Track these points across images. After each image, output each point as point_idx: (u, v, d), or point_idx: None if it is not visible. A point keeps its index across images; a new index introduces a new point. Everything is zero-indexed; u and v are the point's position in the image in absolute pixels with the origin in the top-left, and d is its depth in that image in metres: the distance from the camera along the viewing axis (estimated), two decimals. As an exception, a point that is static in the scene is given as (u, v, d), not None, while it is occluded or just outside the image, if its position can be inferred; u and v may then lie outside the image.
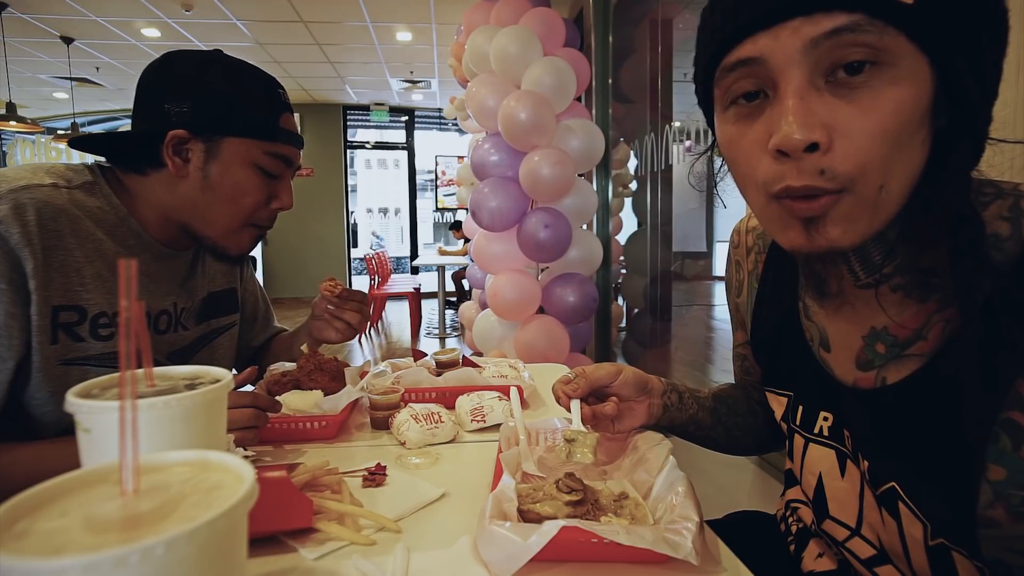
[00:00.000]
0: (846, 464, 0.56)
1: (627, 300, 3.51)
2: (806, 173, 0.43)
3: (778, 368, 0.66)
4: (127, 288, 0.33)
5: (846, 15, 0.40)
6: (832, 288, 0.54)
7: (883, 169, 0.42)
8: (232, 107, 0.84)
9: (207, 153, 0.84)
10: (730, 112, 0.48)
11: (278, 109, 0.89)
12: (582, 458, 0.64)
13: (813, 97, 0.42)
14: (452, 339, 5.58)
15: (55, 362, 0.76)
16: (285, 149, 0.89)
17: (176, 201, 0.86)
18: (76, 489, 0.31)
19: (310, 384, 0.94)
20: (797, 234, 0.46)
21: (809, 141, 0.41)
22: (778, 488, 0.77)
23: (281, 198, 0.92)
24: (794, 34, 0.41)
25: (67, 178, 0.81)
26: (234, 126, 0.84)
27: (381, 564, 0.52)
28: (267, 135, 0.87)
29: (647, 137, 2.92)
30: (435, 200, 9.09)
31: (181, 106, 0.82)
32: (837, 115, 0.42)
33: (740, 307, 0.74)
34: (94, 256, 0.80)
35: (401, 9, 4.62)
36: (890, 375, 0.51)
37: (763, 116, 0.45)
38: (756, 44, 0.43)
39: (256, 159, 0.86)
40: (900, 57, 0.41)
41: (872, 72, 0.41)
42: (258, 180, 0.88)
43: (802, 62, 0.42)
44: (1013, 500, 0.42)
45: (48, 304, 0.74)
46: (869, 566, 0.56)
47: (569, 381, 0.71)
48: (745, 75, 0.45)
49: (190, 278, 0.97)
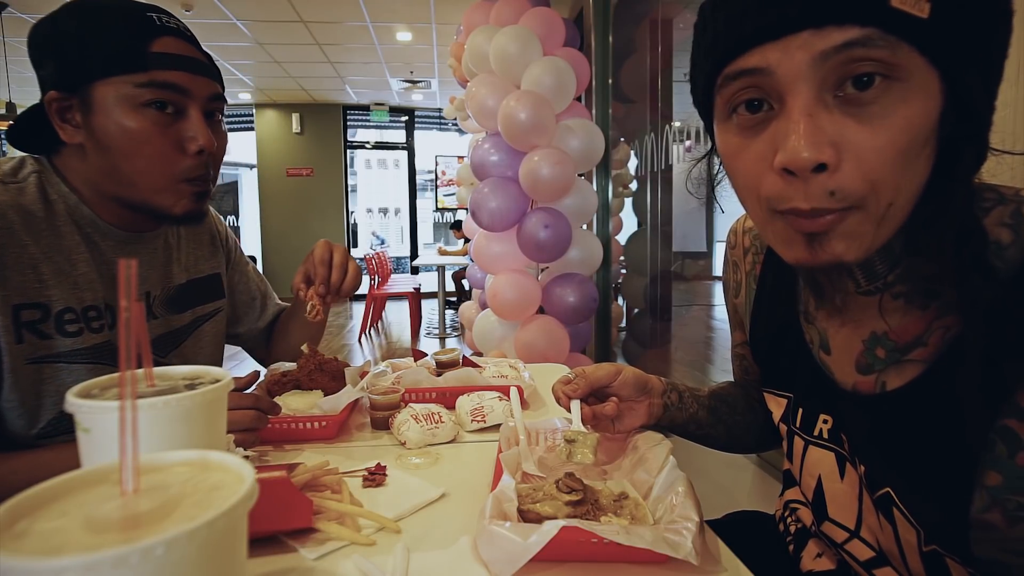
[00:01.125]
0: (846, 467, 0.56)
1: (627, 300, 3.51)
2: (814, 195, 0.42)
3: (777, 369, 0.66)
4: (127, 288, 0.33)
5: (858, 28, 0.39)
6: (831, 295, 0.54)
7: (893, 186, 0.41)
8: (86, 49, 0.74)
9: (83, 108, 0.76)
10: (732, 122, 0.47)
11: (147, 33, 0.76)
12: (582, 459, 0.64)
13: (822, 114, 0.41)
14: (452, 339, 5.58)
15: (23, 362, 0.74)
16: (166, 75, 0.76)
17: (92, 172, 0.80)
18: (76, 489, 0.31)
19: (310, 384, 0.93)
20: (800, 249, 0.45)
21: (817, 161, 0.40)
22: (778, 488, 0.77)
23: (194, 137, 0.78)
24: (804, 46, 0.40)
25: (12, 172, 0.78)
26: (95, 68, 0.74)
27: (381, 564, 0.52)
28: (134, 66, 0.74)
29: (647, 137, 2.92)
30: (435, 200, 9.08)
31: (48, 67, 0.76)
32: (846, 133, 0.41)
33: (738, 308, 0.74)
34: (52, 251, 0.77)
35: (401, 9, 4.62)
36: (890, 380, 0.51)
37: (768, 130, 0.44)
38: (763, 55, 0.42)
39: (133, 97, 0.75)
40: (911, 72, 0.39)
41: (882, 87, 0.40)
42: (150, 122, 0.76)
43: (811, 76, 0.40)
44: (1009, 505, 0.43)
45: (8, 303, 0.72)
46: (868, 568, 0.55)
47: (569, 381, 0.71)
48: (749, 84, 0.44)
49: (166, 264, 0.94)
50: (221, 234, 1.09)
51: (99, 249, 0.83)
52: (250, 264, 1.18)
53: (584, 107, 2.93)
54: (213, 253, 1.05)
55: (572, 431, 0.66)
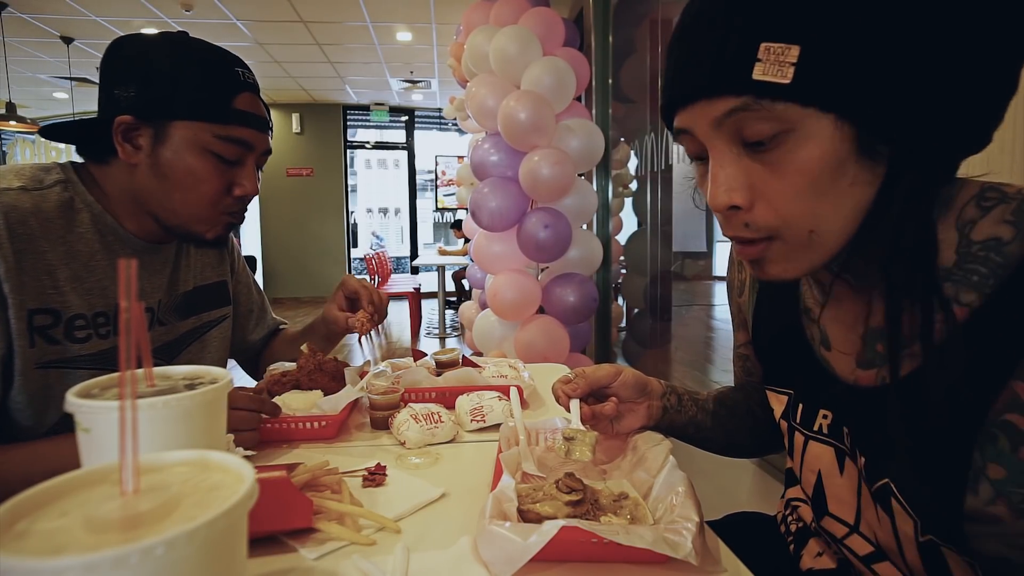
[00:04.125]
0: (845, 461, 0.57)
1: (627, 300, 3.50)
2: (732, 227, 0.50)
3: (779, 367, 0.66)
4: (127, 288, 0.33)
5: (735, 98, 0.44)
6: (831, 290, 0.56)
7: (808, 217, 0.46)
8: (177, 89, 0.79)
9: (155, 138, 0.80)
10: (693, 165, 0.55)
11: (232, 89, 0.83)
12: (580, 456, 0.64)
13: (732, 163, 0.47)
14: (452, 339, 5.58)
15: (32, 365, 0.75)
16: (241, 132, 0.84)
17: (136, 189, 0.83)
18: (76, 489, 0.31)
19: (310, 384, 0.93)
20: (751, 267, 0.53)
21: (729, 204, 0.48)
22: (778, 488, 0.77)
23: (244, 185, 0.86)
24: (702, 113, 0.47)
25: (37, 179, 0.80)
26: (180, 109, 0.80)
27: (381, 564, 0.52)
28: (218, 117, 0.81)
29: (647, 137, 2.92)
30: (435, 200, 9.08)
31: (128, 90, 0.79)
32: (755, 177, 0.47)
33: (742, 307, 0.74)
34: (68, 258, 0.79)
35: (401, 9, 4.62)
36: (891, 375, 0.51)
37: (707, 175, 0.51)
38: (682, 118, 0.50)
39: (207, 144, 0.81)
40: (799, 122, 0.43)
41: (777, 140, 0.44)
42: (212, 166, 0.83)
43: (717, 135, 0.47)
44: (1014, 497, 0.43)
45: (24, 308, 0.73)
46: (867, 563, 0.56)
47: (569, 381, 0.71)
48: (685, 140, 0.51)
49: (174, 272, 0.96)
50: (229, 244, 1.11)
51: (117, 256, 0.85)
52: (250, 275, 1.19)
53: (584, 107, 2.93)
54: (220, 261, 1.07)
55: (571, 429, 0.66)
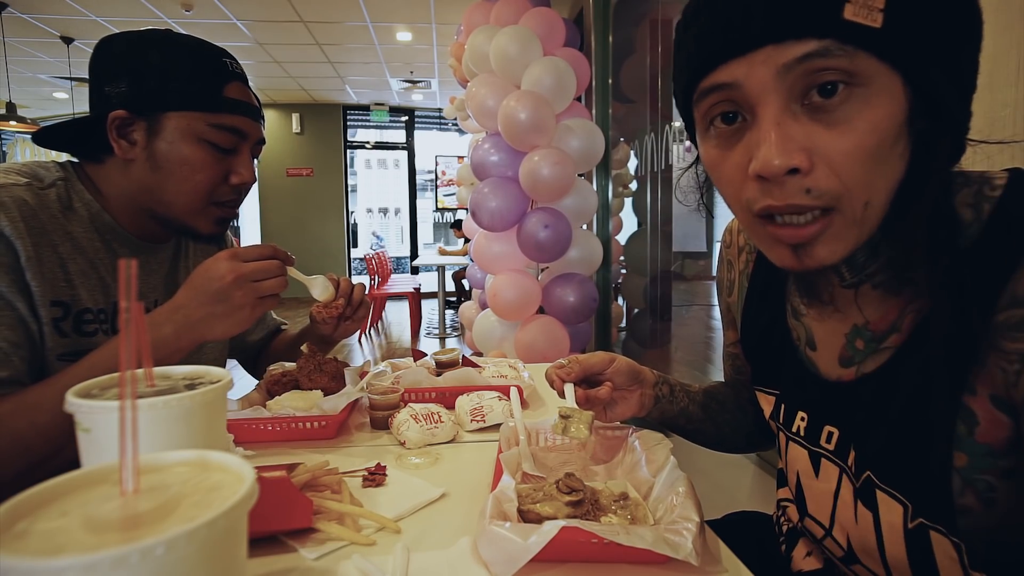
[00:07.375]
0: (820, 464, 0.57)
1: (627, 300, 3.50)
2: (789, 193, 0.44)
3: (766, 367, 0.67)
4: (127, 288, 0.33)
5: (816, 41, 0.41)
6: (819, 291, 0.56)
7: (866, 186, 0.43)
8: (168, 81, 0.81)
9: (149, 131, 0.82)
10: (711, 134, 0.49)
11: (222, 78, 0.85)
12: (576, 433, 0.64)
13: (790, 122, 0.43)
14: (452, 339, 5.57)
15: (54, 356, 0.76)
16: (233, 120, 0.85)
17: (132, 186, 0.85)
18: (76, 489, 0.31)
19: (310, 384, 0.94)
20: (785, 254, 0.48)
21: (789, 166, 0.42)
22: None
23: (240, 172, 0.88)
24: (767, 61, 0.42)
25: (39, 176, 0.81)
26: (172, 100, 0.81)
27: (381, 564, 0.52)
28: (210, 106, 0.83)
29: (647, 137, 2.92)
30: (435, 200, 9.08)
31: (119, 86, 0.81)
32: (816, 139, 0.43)
33: (731, 307, 0.74)
34: (74, 253, 0.80)
35: (401, 9, 4.62)
36: (867, 368, 0.52)
37: (743, 140, 0.46)
38: (730, 70, 0.44)
39: (201, 132, 0.83)
40: (872, 78, 0.41)
41: (846, 94, 0.42)
42: (208, 155, 0.84)
43: (777, 88, 0.43)
44: (979, 485, 0.44)
45: (47, 298, 0.75)
46: (846, 563, 0.56)
47: (563, 366, 0.71)
48: (722, 98, 0.46)
49: (172, 272, 0.97)
50: (227, 241, 1.11)
51: (117, 255, 0.86)
52: None
53: (584, 107, 2.93)
54: None
55: (567, 407, 0.66)
